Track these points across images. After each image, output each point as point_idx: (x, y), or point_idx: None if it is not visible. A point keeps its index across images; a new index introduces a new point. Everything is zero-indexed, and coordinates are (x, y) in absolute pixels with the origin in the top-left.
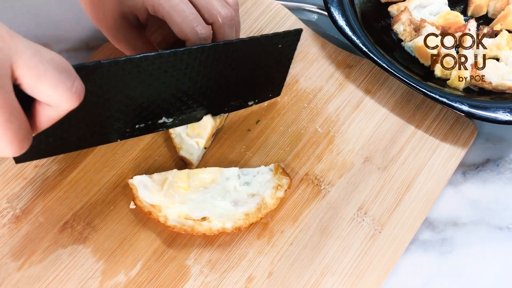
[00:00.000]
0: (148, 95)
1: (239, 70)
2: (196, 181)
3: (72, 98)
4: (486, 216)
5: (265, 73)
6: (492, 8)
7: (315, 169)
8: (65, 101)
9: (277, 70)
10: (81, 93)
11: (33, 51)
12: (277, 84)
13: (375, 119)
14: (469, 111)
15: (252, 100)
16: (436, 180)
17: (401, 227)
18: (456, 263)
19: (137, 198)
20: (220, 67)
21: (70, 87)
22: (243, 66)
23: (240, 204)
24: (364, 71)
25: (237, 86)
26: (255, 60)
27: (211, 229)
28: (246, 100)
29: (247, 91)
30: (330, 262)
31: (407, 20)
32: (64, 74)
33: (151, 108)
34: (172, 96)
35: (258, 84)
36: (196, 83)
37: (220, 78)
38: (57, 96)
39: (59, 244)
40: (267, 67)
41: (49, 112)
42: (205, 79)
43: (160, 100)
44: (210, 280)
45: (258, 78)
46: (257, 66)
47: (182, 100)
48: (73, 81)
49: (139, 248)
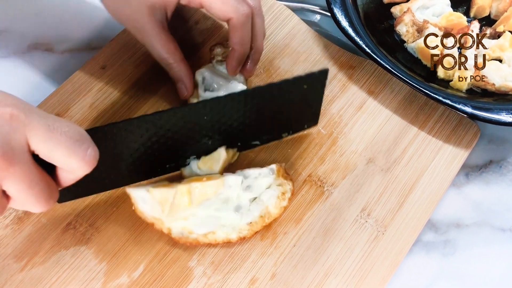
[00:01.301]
0: (173, 143)
1: (265, 111)
2: (198, 194)
3: (86, 165)
4: (489, 218)
5: (295, 111)
6: (495, 10)
7: (318, 170)
8: (79, 168)
9: (308, 106)
10: (94, 160)
11: (47, 127)
12: (312, 116)
13: (378, 120)
14: (472, 112)
15: (286, 132)
16: (439, 181)
17: (404, 229)
18: (459, 265)
19: (137, 209)
20: (244, 112)
21: (83, 156)
22: (268, 108)
23: (243, 211)
24: (367, 72)
25: (267, 125)
26: (280, 102)
27: (216, 240)
28: (279, 133)
29: (278, 127)
30: (334, 264)
31: (410, 21)
32: (77, 144)
33: (180, 152)
34: (199, 140)
35: (289, 120)
36: (222, 127)
37: (246, 120)
38: (70, 165)
39: (62, 245)
40: (296, 106)
41: (68, 175)
42: (231, 122)
43: (187, 144)
44: (213, 281)
45: (289, 115)
46: (284, 106)
47: (207, 143)
48: (85, 150)
49: (142, 250)
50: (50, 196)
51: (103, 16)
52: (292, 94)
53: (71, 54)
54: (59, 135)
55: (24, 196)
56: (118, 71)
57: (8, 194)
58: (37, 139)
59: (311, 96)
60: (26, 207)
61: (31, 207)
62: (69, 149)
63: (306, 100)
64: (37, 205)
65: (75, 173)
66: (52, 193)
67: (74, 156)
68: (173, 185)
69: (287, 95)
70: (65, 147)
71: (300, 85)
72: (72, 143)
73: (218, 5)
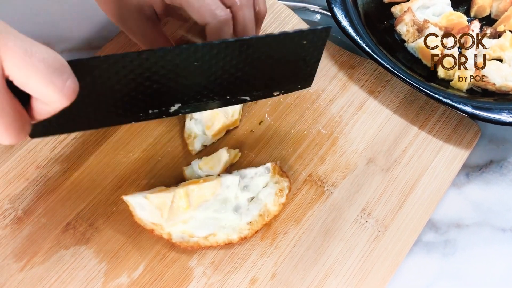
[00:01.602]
0: (158, 87)
1: (259, 65)
2: (196, 197)
3: (64, 98)
4: (489, 218)
5: (290, 68)
6: (495, 9)
7: (319, 170)
8: (56, 100)
9: (304, 64)
10: (73, 92)
11: (24, 50)
12: (307, 76)
13: (378, 120)
14: (473, 112)
15: (278, 90)
16: (439, 181)
17: (405, 229)
18: (459, 265)
19: (135, 216)
20: (237, 62)
21: (61, 87)
22: (263, 62)
23: (242, 211)
24: (368, 72)
25: (259, 79)
26: (277, 56)
27: (217, 242)
28: (271, 90)
29: (271, 84)
30: (334, 264)
31: (410, 20)
32: (56, 73)
33: (164, 98)
34: (186, 87)
35: (283, 77)
36: (212, 76)
37: (239, 72)
38: (47, 95)
39: (62, 245)
40: (292, 62)
41: (44, 107)
42: (222, 72)
43: (173, 90)
44: (213, 281)
45: (283, 71)
46: (280, 61)
47: (197, 90)
48: (64, 81)
49: (142, 249)
50: (22, 127)
51: (103, 15)
52: (290, 49)
53: (71, 53)
54: (37, 61)
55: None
56: None
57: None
58: (12, 63)
59: (309, 54)
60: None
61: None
62: (47, 78)
63: (303, 58)
64: (6, 136)
65: (52, 105)
66: (24, 125)
67: (52, 85)
68: (170, 189)
69: (285, 49)
70: (42, 74)
71: (299, 40)
72: (50, 71)
73: (195, 8)
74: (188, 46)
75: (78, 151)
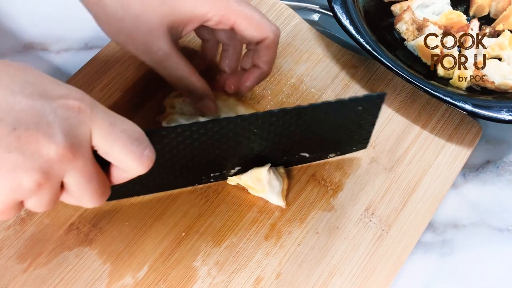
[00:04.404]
0: (220, 153)
1: (315, 130)
2: None
3: (142, 166)
4: (486, 218)
5: (346, 132)
6: (494, 8)
7: (322, 170)
8: (135, 168)
9: (359, 128)
10: (150, 161)
11: (109, 123)
12: (362, 139)
13: (380, 119)
14: (472, 110)
15: (333, 153)
16: (442, 180)
17: (408, 227)
18: (457, 265)
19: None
20: (295, 127)
21: (140, 156)
22: (319, 127)
23: None
24: (369, 71)
25: (315, 143)
26: (332, 121)
27: None
28: (327, 153)
29: (326, 147)
30: (338, 263)
31: (410, 19)
32: (136, 143)
33: (224, 162)
34: (245, 152)
35: (339, 141)
36: (270, 141)
37: (296, 136)
38: (127, 163)
39: (65, 246)
40: (347, 127)
41: (122, 174)
42: (280, 137)
43: (233, 156)
44: (218, 281)
45: (339, 136)
46: (335, 126)
47: (256, 154)
48: (143, 150)
49: (146, 250)
50: (104, 192)
51: None
52: (345, 115)
53: (68, 54)
54: (119, 132)
55: (81, 190)
56: (120, 71)
57: (64, 187)
58: (99, 134)
59: (364, 119)
60: (80, 201)
61: (85, 201)
62: (127, 147)
63: (358, 123)
64: (92, 200)
65: (130, 172)
66: (105, 189)
67: (132, 154)
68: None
69: (340, 115)
70: (123, 144)
71: (355, 107)
72: (130, 142)
73: (254, 28)
74: (249, 115)
75: None
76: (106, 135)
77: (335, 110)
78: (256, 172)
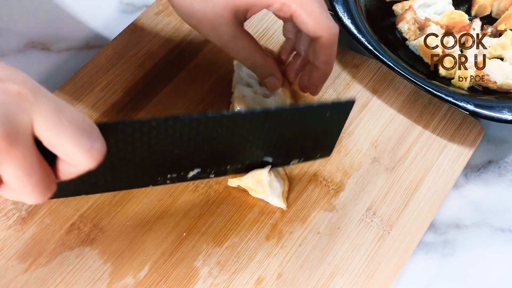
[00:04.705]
0: (179, 152)
1: (281, 134)
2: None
3: (90, 160)
4: (488, 218)
5: (311, 138)
6: (496, 8)
7: (323, 170)
8: (83, 162)
9: (325, 135)
10: (100, 155)
11: (54, 110)
12: (326, 146)
13: (382, 119)
14: (474, 110)
15: (297, 158)
16: (443, 180)
17: (410, 228)
18: (459, 265)
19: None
20: (258, 130)
21: (88, 149)
22: (285, 131)
23: None
24: (371, 71)
25: (279, 147)
26: (299, 127)
27: None
28: (290, 159)
29: (291, 152)
30: (340, 263)
31: (412, 19)
32: (84, 135)
33: (183, 163)
34: (206, 153)
35: (303, 147)
36: (233, 143)
37: (260, 141)
38: (74, 156)
39: (66, 246)
40: (313, 133)
41: (69, 168)
42: (242, 140)
43: (192, 156)
44: (219, 281)
45: (304, 141)
46: (302, 131)
47: (217, 157)
48: (92, 143)
49: (147, 250)
50: (48, 188)
51: (101, 15)
52: (313, 120)
53: (69, 53)
54: (67, 122)
55: (20, 184)
56: (121, 71)
57: (2, 180)
58: (43, 123)
59: (331, 126)
60: (19, 196)
61: (25, 197)
62: (76, 139)
63: (325, 129)
64: (32, 196)
65: (78, 166)
66: (49, 185)
67: (80, 147)
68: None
69: (308, 120)
70: (71, 136)
71: (323, 112)
72: (79, 133)
73: (311, 22)
74: (215, 114)
75: None
76: (51, 124)
77: (303, 114)
78: (257, 174)
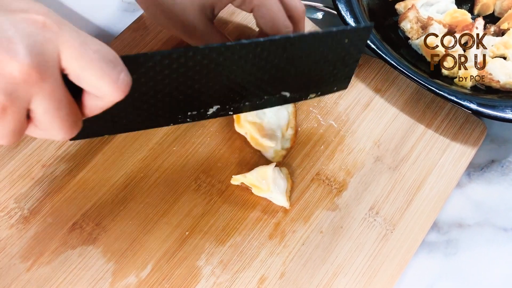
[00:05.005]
0: (199, 87)
1: (300, 64)
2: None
3: (118, 91)
4: (491, 218)
5: (329, 68)
6: (499, 7)
7: (326, 168)
8: (110, 93)
9: (343, 64)
10: (127, 86)
11: (80, 42)
12: (343, 78)
13: (385, 118)
14: (477, 109)
15: (314, 93)
16: (446, 179)
17: (413, 227)
18: (461, 265)
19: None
20: (277, 61)
21: (115, 80)
22: (304, 61)
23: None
24: (374, 70)
25: (297, 80)
26: (318, 55)
27: None
28: (307, 92)
29: (308, 85)
30: (343, 262)
31: (414, 17)
32: (110, 65)
33: (203, 98)
34: (225, 87)
35: (321, 78)
36: (251, 76)
37: (279, 72)
38: (102, 88)
39: (68, 245)
40: (331, 62)
41: (96, 102)
42: (262, 72)
43: (212, 91)
44: (222, 280)
45: (322, 72)
46: (320, 60)
47: (236, 91)
48: (118, 73)
49: (150, 249)
50: (75, 123)
51: (103, 14)
52: (331, 48)
53: None
54: (92, 53)
55: (49, 119)
56: None
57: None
58: (69, 55)
59: (349, 53)
60: (48, 133)
61: (54, 132)
62: (102, 70)
63: (343, 58)
64: (61, 131)
65: (105, 99)
66: (76, 120)
67: (107, 78)
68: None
69: (326, 47)
70: (98, 66)
71: (341, 38)
72: (105, 64)
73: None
74: (234, 44)
75: (84, 150)
76: (77, 55)
77: (321, 41)
78: (262, 170)
